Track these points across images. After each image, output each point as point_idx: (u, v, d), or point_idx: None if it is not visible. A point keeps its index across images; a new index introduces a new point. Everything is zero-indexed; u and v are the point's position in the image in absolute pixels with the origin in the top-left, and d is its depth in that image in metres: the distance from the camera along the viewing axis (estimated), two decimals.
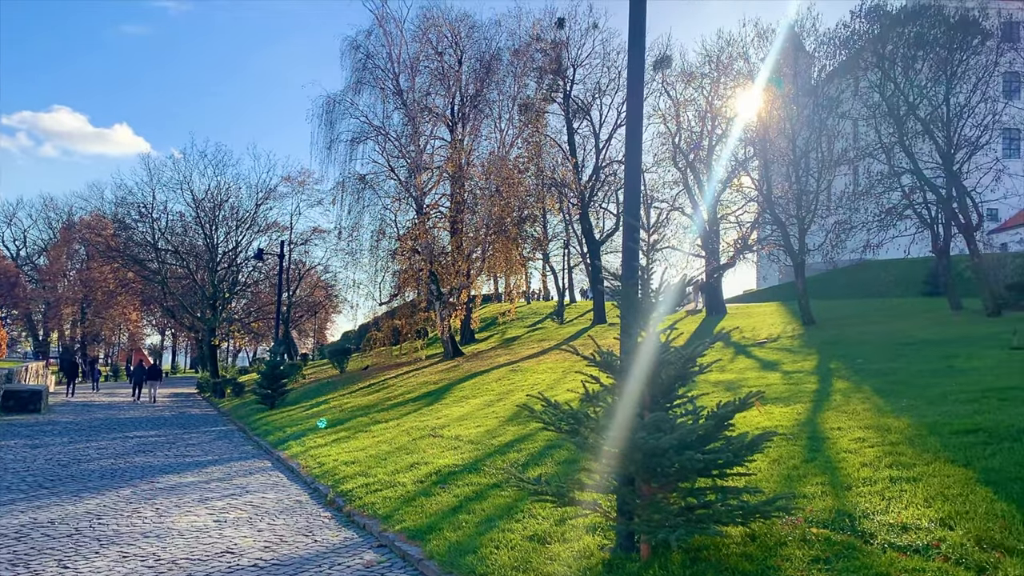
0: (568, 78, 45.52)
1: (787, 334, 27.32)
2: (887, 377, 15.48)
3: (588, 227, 45.92)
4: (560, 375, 23.24)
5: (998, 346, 18.33)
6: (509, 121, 40.86)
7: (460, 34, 39.76)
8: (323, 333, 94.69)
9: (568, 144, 46.26)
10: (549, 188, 42.98)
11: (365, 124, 38.31)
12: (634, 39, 8.23)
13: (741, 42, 34.54)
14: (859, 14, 30.76)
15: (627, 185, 8.42)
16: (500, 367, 28.58)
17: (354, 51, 38.67)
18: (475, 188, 38.50)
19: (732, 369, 19.61)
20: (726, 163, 37.13)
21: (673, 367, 7.55)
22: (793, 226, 31.70)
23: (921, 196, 30.14)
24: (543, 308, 58.86)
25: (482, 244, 38.08)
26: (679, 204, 41.35)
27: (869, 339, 23.24)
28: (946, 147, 28.21)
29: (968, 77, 28.64)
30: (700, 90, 37.01)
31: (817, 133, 31.51)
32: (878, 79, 29.48)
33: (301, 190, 60.23)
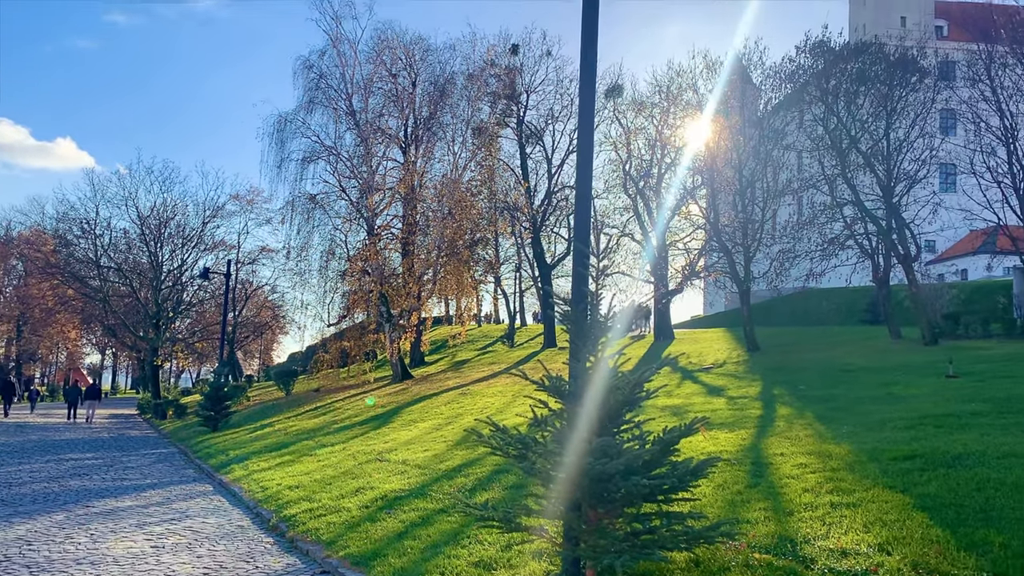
0: (522, 103, 45.95)
1: (733, 360, 27.74)
2: (828, 403, 15.81)
3: (540, 251, 46.18)
4: (510, 399, 23.21)
5: (935, 374, 18.87)
6: (463, 144, 41.07)
7: (415, 57, 39.89)
8: (269, 354, 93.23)
9: (521, 168, 46.59)
10: (501, 211, 43.19)
11: (317, 144, 38.10)
12: (585, 68, 8.35)
13: (690, 73, 35.34)
14: (804, 49, 31.72)
15: (577, 212, 8.50)
16: (449, 390, 28.43)
17: (307, 71, 38.51)
18: (427, 210, 38.48)
19: (679, 394, 19.82)
20: (675, 191, 37.78)
21: (621, 392, 7.60)
22: (739, 254, 32.33)
23: (862, 227, 31.00)
24: (494, 331, 58.85)
25: (434, 266, 38.01)
26: (629, 230, 41.93)
27: (812, 366, 23.73)
28: (886, 180, 29.12)
29: (907, 113, 29.68)
30: (650, 119, 37.73)
31: (763, 164, 32.27)
32: (822, 113, 30.36)
33: (250, 209, 59.57)
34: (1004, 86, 28.79)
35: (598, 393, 7.45)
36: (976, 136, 29.72)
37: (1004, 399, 14.11)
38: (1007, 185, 28.95)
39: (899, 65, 29.81)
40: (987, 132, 29.31)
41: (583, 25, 8.21)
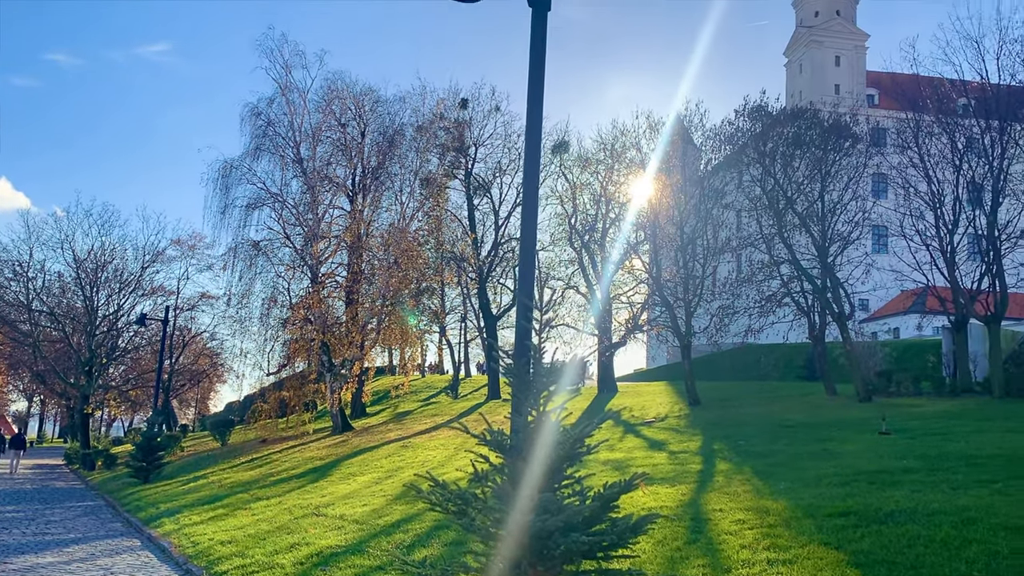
0: (470, 156, 46.44)
1: (674, 414, 27.98)
2: (767, 459, 16.02)
3: (485, 302, 46.26)
4: (452, 452, 22.95)
5: (869, 430, 19.30)
6: (410, 194, 41.19)
7: (364, 107, 40.08)
8: (206, 403, 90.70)
9: (468, 219, 46.88)
10: (448, 261, 43.27)
11: (262, 190, 37.76)
12: (531, 124, 8.52)
13: (634, 133, 36.21)
14: (743, 113, 32.90)
15: (521, 265, 8.58)
16: (391, 443, 28.00)
17: (255, 118, 38.33)
18: (373, 259, 38.32)
19: (621, 448, 19.87)
20: (619, 245, 38.41)
21: (562, 447, 7.60)
22: (680, 308, 32.87)
23: (799, 285, 31.88)
24: (438, 382, 58.38)
25: (378, 315, 37.70)
26: (574, 283, 42.31)
27: (751, 421, 24.07)
28: (821, 240, 30.09)
29: (841, 176, 30.89)
30: (595, 175, 38.46)
31: (703, 221, 33.08)
32: (759, 174, 31.39)
33: (191, 254, 58.39)
34: (931, 154, 30.19)
35: (539, 448, 7.43)
36: (906, 200, 31.01)
37: (935, 456, 14.50)
38: (935, 248, 30.15)
39: (833, 130, 31.09)
40: (916, 197, 30.61)
41: (530, 82, 8.39)
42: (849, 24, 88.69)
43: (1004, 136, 28.99)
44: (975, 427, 18.77)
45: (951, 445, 15.87)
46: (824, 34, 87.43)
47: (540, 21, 8.37)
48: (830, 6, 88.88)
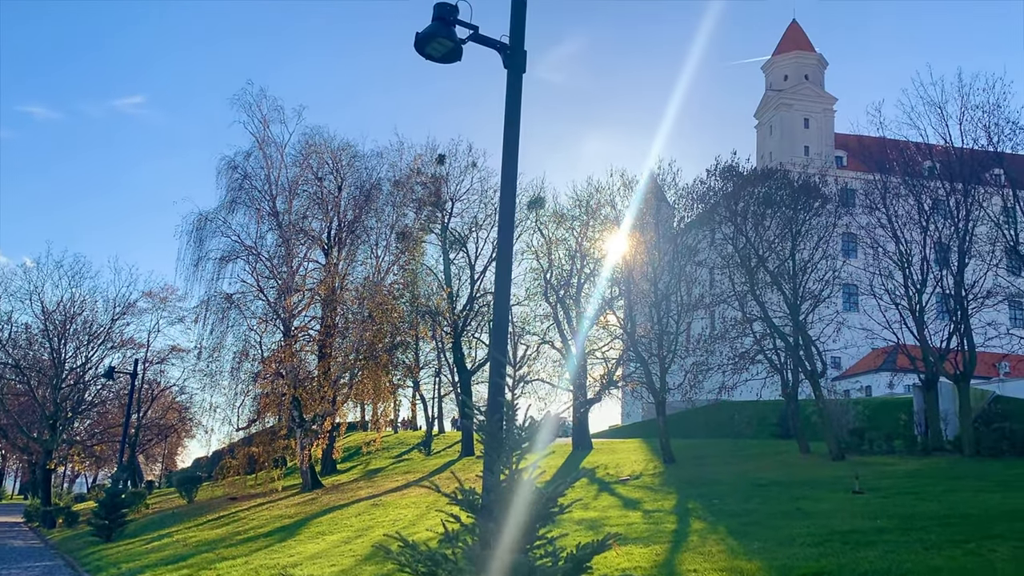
0: (447, 210, 46.76)
1: (649, 472, 27.79)
2: (741, 518, 15.91)
3: (460, 356, 46.08)
4: (424, 510, 22.56)
5: (842, 489, 19.28)
6: (386, 248, 41.24)
7: (341, 162, 40.34)
8: (173, 459, 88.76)
9: (444, 273, 46.98)
10: (423, 315, 43.18)
11: (237, 243, 37.62)
12: (506, 180, 8.61)
13: (609, 190, 36.71)
14: (714, 172, 33.53)
15: (495, 320, 8.58)
16: (361, 501, 27.49)
17: (231, 171, 38.39)
18: (347, 312, 38.13)
19: (596, 507, 19.66)
20: (594, 301, 38.60)
21: (535, 507, 7.50)
22: (655, 364, 32.93)
23: (771, 342, 32.12)
24: (411, 438, 57.68)
25: (351, 369, 37.36)
26: (549, 338, 42.33)
27: (725, 479, 23.95)
28: (793, 298, 30.44)
29: (811, 236, 31.43)
30: (571, 231, 38.84)
31: (677, 278, 33.39)
32: (731, 232, 31.85)
33: (163, 306, 57.77)
34: (898, 214, 30.86)
35: (512, 507, 7.33)
36: (875, 260, 31.57)
37: (908, 516, 14.49)
38: (904, 307, 30.61)
39: (803, 191, 31.75)
40: (884, 256, 31.18)
41: (504, 139, 8.51)
42: (817, 88, 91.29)
43: (968, 198, 29.74)
44: (947, 486, 18.83)
45: (924, 505, 15.88)
46: (793, 97, 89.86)
47: (515, 82, 8.54)
48: (799, 71, 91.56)
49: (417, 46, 8.50)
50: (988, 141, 30.33)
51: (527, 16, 8.80)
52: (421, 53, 8.56)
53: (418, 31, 8.45)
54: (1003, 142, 30.46)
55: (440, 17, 8.39)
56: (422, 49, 8.51)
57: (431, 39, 8.40)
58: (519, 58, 8.50)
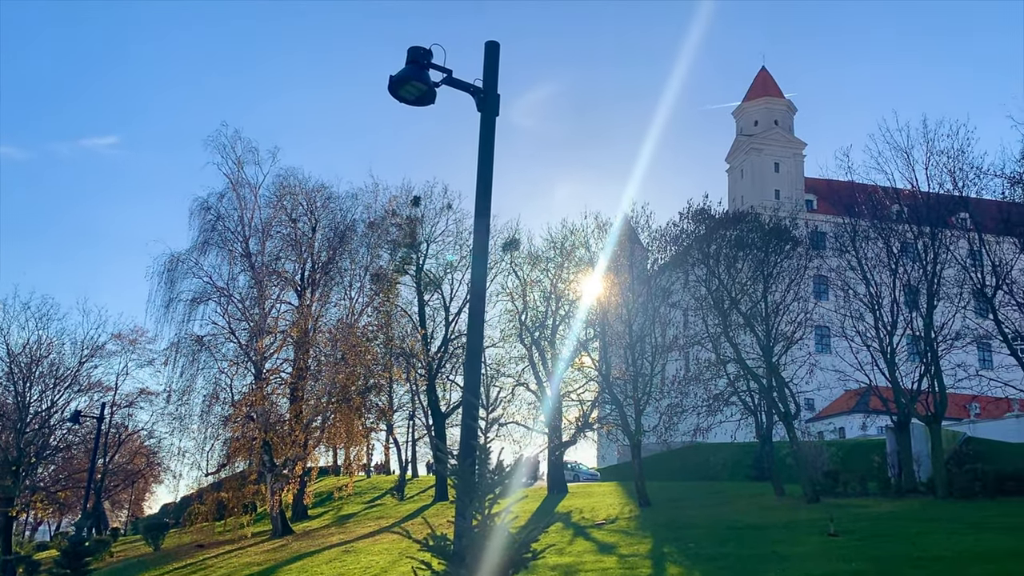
0: (421, 252, 46.75)
1: (624, 515, 27.53)
2: (717, 562, 15.75)
3: (434, 399, 45.69)
4: (396, 557, 22.11)
5: (817, 532, 19.19)
6: (360, 289, 41.04)
7: (316, 203, 40.28)
8: (140, 505, 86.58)
9: (419, 315, 46.79)
10: (397, 357, 42.84)
11: (208, 284, 37.22)
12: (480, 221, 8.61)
13: (583, 232, 36.91)
14: (687, 215, 33.90)
15: (467, 362, 8.51)
16: (332, 547, 26.92)
17: (204, 212, 38.15)
18: (320, 355, 37.73)
19: (571, 552, 19.38)
20: (569, 343, 38.55)
21: (507, 553, 7.36)
22: (630, 406, 32.83)
23: (745, 384, 32.19)
24: (384, 483, 56.81)
25: (323, 413, 36.86)
26: (524, 380, 42.13)
27: (701, 522, 23.76)
28: (765, 340, 30.61)
29: (783, 278, 31.75)
30: (545, 272, 38.94)
31: (651, 320, 33.49)
32: (704, 274, 32.11)
33: (132, 349, 56.75)
34: (868, 257, 31.27)
35: (484, 553, 7.18)
36: (845, 302, 31.89)
37: (883, 558, 14.44)
38: (875, 349, 30.86)
39: (774, 234, 32.16)
40: (855, 299, 31.51)
41: (478, 181, 8.53)
42: (787, 133, 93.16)
43: (936, 242, 30.23)
44: (921, 528, 18.81)
45: (898, 547, 15.83)
46: (763, 142, 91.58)
47: (488, 125, 8.60)
48: (769, 116, 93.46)
49: (391, 89, 8.53)
50: (953, 186, 30.99)
51: (501, 60, 8.90)
52: (395, 96, 8.60)
53: (392, 74, 8.50)
54: (968, 187, 31.14)
55: (414, 60, 8.45)
56: (396, 92, 8.55)
57: (405, 82, 8.45)
58: (492, 102, 8.58)
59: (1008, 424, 50.32)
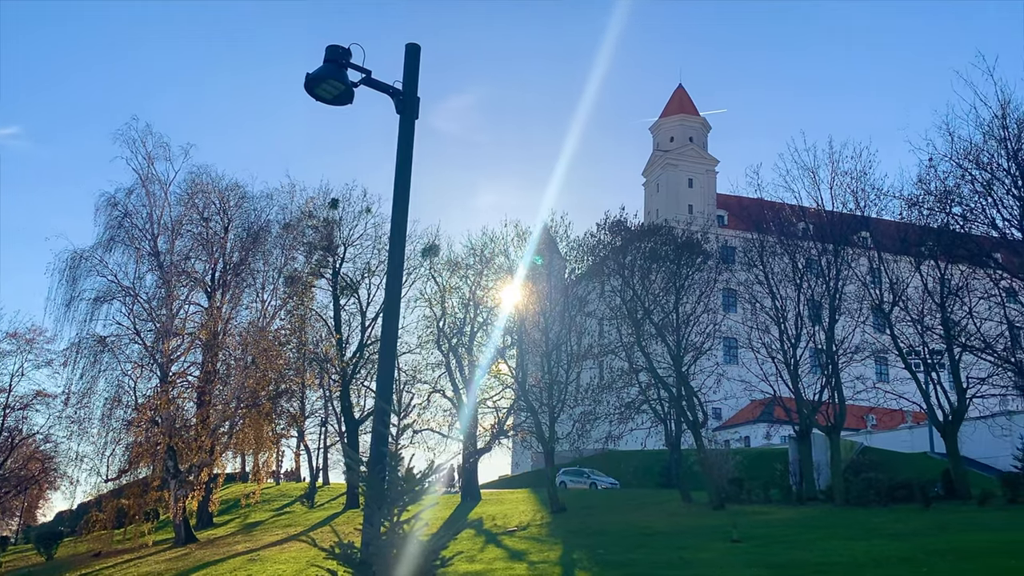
0: (339, 255, 45.96)
1: (536, 522, 27.69)
2: (625, 568, 16.00)
3: (348, 405, 44.95)
4: (303, 566, 21.64)
5: (722, 538, 19.72)
6: (273, 292, 40.08)
7: (229, 202, 39.16)
8: (33, 513, 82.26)
9: (334, 319, 45.95)
10: (310, 363, 42.00)
11: (113, 283, 35.73)
12: (397, 224, 8.53)
13: (502, 240, 37.08)
14: (604, 227, 34.46)
15: (380, 368, 8.41)
16: (238, 555, 26.17)
17: (111, 208, 36.60)
18: (230, 358, 36.65)
19: (482, 559, 19.36)
20: (486, 350, 38.60)
21: (416, 560, 7.30)
22: (544, 414, 33.11)
23: (656, 393, 32.92)
24: (294, 490, 55.58)
25: (231, 418, 35.82)
26: (441, 387, 41.91)
27: (611, 529, 24.11)
28: (676, 350, 31.40)
29: (693, 290, 32.67)
30: (464, 279, 38.91)
31: (567, 328, 33.91)
32: (620, 285, 32.73)
33: (29, 348, 53.91)
34: (774, 272, 32.49)
35: (392, 561, 7.10)
36: (753, 315, 33.04)
37: (783, 564, 14.93)
38: (780, 360, 32.05)
39: (686, 247, 33.06)
40: (762, 312, 32.66)
41: (396, 184, 8.46)
42: (701, 150, 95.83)
43: (838, 259, 31.65)
44: (819, 535, 19.56)
45: (798, 553, 16.40)
46: (679, 158, 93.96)
47: (407, 128, 8.54)
48: (684, 133, 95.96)
49: (307, 87, 8.38)
50: (856, 205, 32.52)
51: (422, 64, 8.85)
52: (311, 94, 8.44)
53: (309, 72, 8.35)
54: (869, 207, 32.72)
55: (332, 59, 8.32)
56: (312, 90, 8.40)
57: (322, 81, 8.31)
58: (412, 104, 8.51)
59: (901, 435, 52.95)
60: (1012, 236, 24.05)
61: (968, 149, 25.43)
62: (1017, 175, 23.62)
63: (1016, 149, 23.68)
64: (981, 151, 24.79)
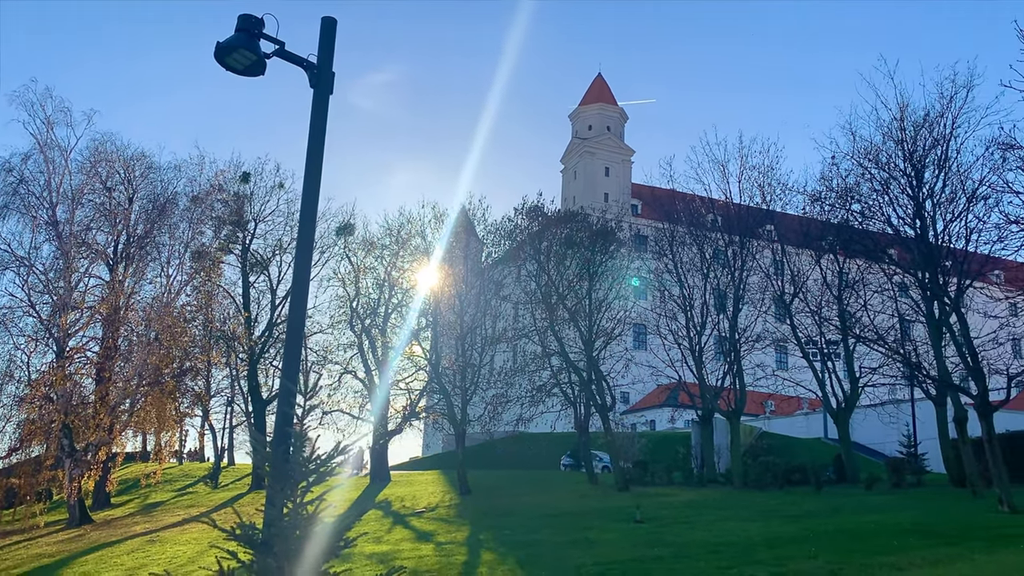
0: (249, 231, 44.72)
1: (445, 503, 27.83)
2: (530, 549, 16.27)
3: (255, 385, 43.97)
4: (205, 547, 21.16)
5: (625, 519, 20.27)
6: (179, 267, 38.77)
7: (134, 172, 37.66)
8: None
9: (243, 297, 44.77)
10: (217, 340, 40.89)
11: (6, 252, 34.01)
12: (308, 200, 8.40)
13: (420, 221, 36.83)
14: (521, 211, 34.67)
15: (287, 346, 8.28)
16: (136, 537, 25.41)
17: (5, 173, 34.68)
18: (132, 334, 35.34)
19: (388, 540, 19.36)
20: (401, 331, 38.36)
21: (320, 541, 7.26)
22: (457, 396, 33.21)
23: (567, 376, 33.45)
24: (197, 470, 54.10)
25: (132, 395, 34.59)
26: (352, 368, 41.43)
27: (518, 510, 24.45)
28: (588, 335, 31.94)
29: (606, 277, 33.23)
30: (380, 260, 38.50)
31: (483, 311, 34.03)
32: (535, 270, 33.04)
33: None
34: (683, 261, 33.39)
35: (294, 542, 7.04)
36: (662, 302, 33.90)
37: (682, 544, 15.46)
38: (686, 347, 33.00)
39: (601, 234, 33.59)
40: (670, 299, 33.53)
41: (308, 160, 8.31)
42: (618, 140, 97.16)
43: (744, 250, 32.75)
44: (717, 516, 20.32)
45: (696, 533, 17.01)
46: (596, 147, 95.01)
47: (322, 102, 8.39)
48: (602, 122, 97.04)
49: (217, 56, 8.14)
50: (762, 199, 33.68)
51: (339, 39, 8.70)
52: (222, 63, 8.20)
53: (220, 41, 8.10)
54: (774, 201, 33.94)
55: (244, 29, 8.09)
56: (223, 60, 8.16)
57: (233, 50, 8.08)
58: (326, 79, 8.37)
59: (798, 421, 55.38)
60: (906, 233, 25.30)
61: (869, 149, 26.59)
62: (912, 175, 24.83)
63: (912, 151, 24.88)
64: (880, 151, 25.96)
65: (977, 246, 23.96)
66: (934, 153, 24.62)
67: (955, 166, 24.59)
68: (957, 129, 24.41)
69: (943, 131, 24.52)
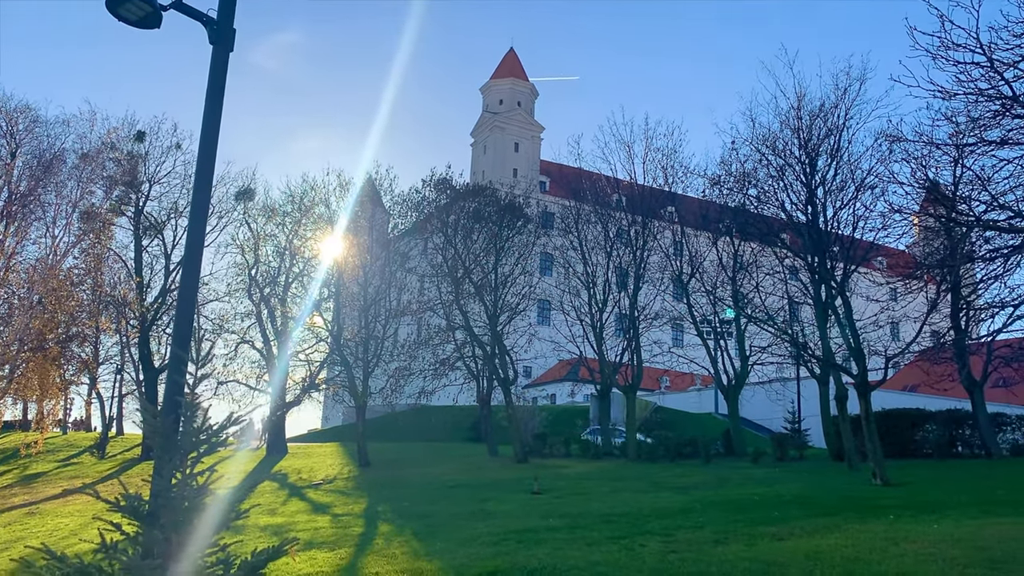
0: (143, 193, 42.73)
1: (343, 476, 27.62)
2: (427, 520, 16.35)
3: (147, 353, 42.32)
4: (88, 520, 20.36)
5: (523, 491, 20.59)
6: (67, 228, 36.85)
7: (18, 125, 35.49)
8: None
9: (135, 261, 42.86)
10: (107, 306, 39.10)
11: None
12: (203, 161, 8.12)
13: (324, 188, 36.04)
14: (430, 183, 34.40)
15: (178, 312, 8.02)
16: (14, 509, 24.21)
17: None
18: (13, 297, 33.45)
19: (283, 512, 19.10)
20: (302, 301, 37.59)
21: (209, 512, 7.10)
22: (359, 368, 32.88)
23: (471, 350, 33.59)
24: (83, 440, 51.83)
25: (12, 361, 32.78)
26: (250, 337, 40.37)
27: (417, 482, 24.51)
28: (493, 309, 32.13)
29: (512, 252, 33.46)
30: (281, 227, 37.51)
31: (387, 283, 33.72)
32: (442, 243, 32.92)
33: None
34: (588, 239, 33.88)
35: (182, 514, 6.87)
36: (566, 279, 34.39)
37: (577, 515, 15.82)
38: (587, 323, 33.61)
39: (508, 210, 33.72)
40: (574, 276, 34.04)
41: (204, 117, 8.02)
42: (528, 116, 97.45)
43: (646, 230, 33.48)
44: (611, 487, 20.89)
45: (591, 504, 17.45)
46: (506, 122, 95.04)
47: (221, 59, 8.09)
48: (512, 97, 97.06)
49: (109, 5, 7.71)
50: (665, 181, 34.45)
51: None
52: (113, 14, 7.78)
53: None
54: (676, 183, 34.76)
55: None
56: (115, 10, 7.74)
57: (126, 0, 7.67)
58: (226, 35, 8.06)
59: (690, 396, 57.38)
60: (798, 219, 26.33)
61: (767, 136, 27.47)
62: (806, 163, 25.80)
63: (807, 139, 25.86)
64: (778, 138, 26.85)
65: (863, 233, 25.19)
66: (827, 143, 25.64)
67: (846, 156, 25.68)
68: (850, 120, 25.50)
69: (837, 122, 25.58)
